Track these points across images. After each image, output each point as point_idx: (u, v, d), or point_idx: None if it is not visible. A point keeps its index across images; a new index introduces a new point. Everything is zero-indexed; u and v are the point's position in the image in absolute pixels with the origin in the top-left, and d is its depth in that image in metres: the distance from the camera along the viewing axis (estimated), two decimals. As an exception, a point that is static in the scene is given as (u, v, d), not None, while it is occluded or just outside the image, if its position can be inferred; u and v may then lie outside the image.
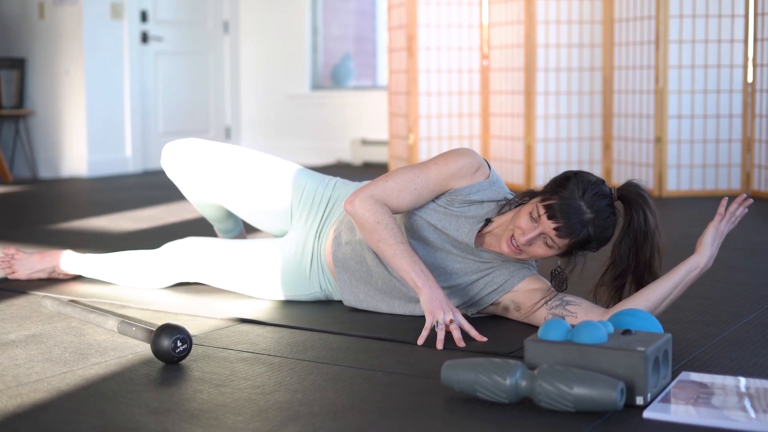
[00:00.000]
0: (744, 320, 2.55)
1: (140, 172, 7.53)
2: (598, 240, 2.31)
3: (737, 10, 5.49)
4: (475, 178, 2.49)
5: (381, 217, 2.40)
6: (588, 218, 2.28)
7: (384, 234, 2.39)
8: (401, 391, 1.93)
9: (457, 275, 2.48)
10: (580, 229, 2.28)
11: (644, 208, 2.31)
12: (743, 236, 4.16)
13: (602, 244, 2.34)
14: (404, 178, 2.46)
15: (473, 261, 2.48)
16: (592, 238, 2.30)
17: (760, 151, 5.40)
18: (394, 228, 2.40)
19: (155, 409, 1.81)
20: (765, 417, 1.74)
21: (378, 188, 2.44)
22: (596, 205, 2.29)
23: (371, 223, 2.40)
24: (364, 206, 2.41)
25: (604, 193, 2.31)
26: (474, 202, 2.48)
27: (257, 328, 2.46)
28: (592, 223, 2.28)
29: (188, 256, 2.80)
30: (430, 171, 2.47)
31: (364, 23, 8.91)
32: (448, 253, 2.49)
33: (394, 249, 2.37)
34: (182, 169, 2.80)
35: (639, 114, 5.71)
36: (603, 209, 2.29)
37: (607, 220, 2.30)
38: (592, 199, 2.29)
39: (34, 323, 2.50)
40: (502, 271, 2.46)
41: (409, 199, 2.46)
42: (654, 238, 2.31)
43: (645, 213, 2.30)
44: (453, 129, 6.50)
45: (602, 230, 2.30)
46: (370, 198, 2.42)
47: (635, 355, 1.81)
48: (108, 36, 7.27)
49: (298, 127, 8.41)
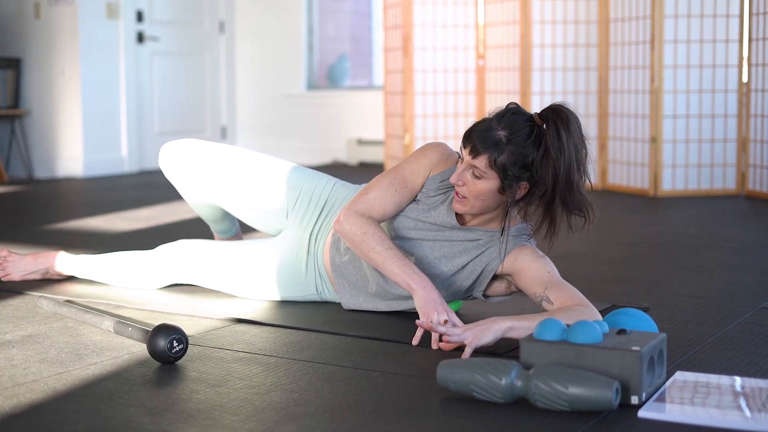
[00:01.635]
0: (739, 320, 2.55)
1: (136, 172, 7.53)
2: (524, 154, 2.29)
3: (732, 10, 5.50)
4: (447, 164, 2.52)
5: (367, 228, 2.43)
6: (500, 134, 2.29)
7: (372, 243, 2.42)
8: (397, 391, 1.93)
9: (447, 259, 2.48)
10: (492, 143, 2.28)
11: (557, 122, 2.28)
12: (738, 236, 4.17)
13: (538, 161, 2.29)
14: (382, 185, 2.51)
15: (460, 242, 2.49)
16: (515, 151, 2.28)
17: (755, 151, 5.41)
18: (382, 236, 2.42)
19: (151, 409, 1.81)
20: (760, 416, 1.74)
21: (361, 203, 2.49)
22: (510, 122, 2.30)
23: (359, 236, 2.43)
24: (350, 222, 2.45)
25: (520, 113, 2.33)
26: (448, 187, 2.51)
27: (253, 329, 2.47)
28: (506, 138, 2.28)
29: (183, 258, 2.80)
30: (404, 171, 2.52)
31: (359, 23, 8.91)
32: (434, 240, 2.50)
33: (383, 256, 2.40)
34: (180, 169, 2.80)
35: (634, 114, 5.72)
36: (518, 125, 2.30)
37: (522, 133, 2.29)
38: (507, 118, 2.31)
39: (31, 323, 2.50)
40: (494, 247, 2.46)
41: (392, 203, 2.50)
42: (568, 153, 2.27)
43: (557, 127, 2.27)
44: (449, 129, 6.51)
45: (518, 145, 2.28)
46: (354, 213, 2.46)
47: (630, 355, 1.81)
48: (104, 36, 7.27)
49: (294, 127, 8.41)
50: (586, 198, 2.33)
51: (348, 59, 8.69)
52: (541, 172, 2.29)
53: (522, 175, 2.31)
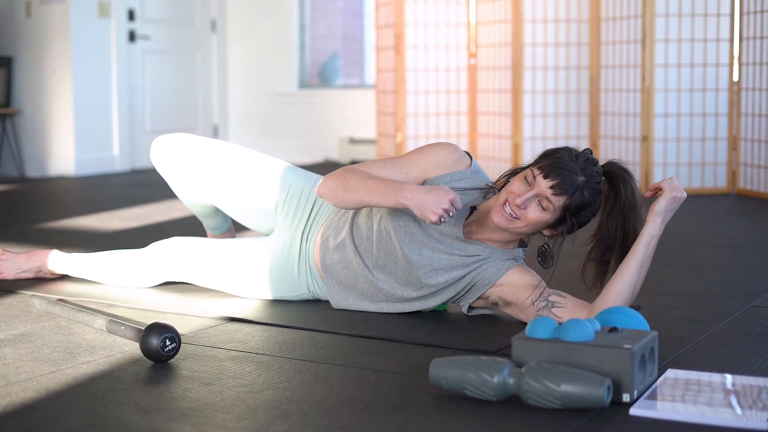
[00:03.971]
0: (730, 318, 2.56)
1: (128, 170, 7.52)
2: (590, 205, 2.35)
3: (723, 9, 5.52)
4: (457, 167, 2.52)
5: (344, 172, 2.46)
6: (581, 180, 2.32)
7: (352, 181, 2.43)
8: (390, 389, 1.94)
9: (443, 271, 2.48)
10: (575, 188, 2.31)
11: (630, 182, 2.37)
12: (729, 234, 4.19)
13: (593, 213, 2.38)
14: (372, 161, 2.53)
15: (459, 256, 2.48)
16: (586, 201, 2.33)
17: (746, 150, 5.43)
18: (359, 172, 2.44)
19: (144, 408, 1.82)
20: (751, 413, 1.75)
21: (351, 167, 2.51)
22: (588, 169, 2.34)
23: (340, 184, 2.45)
24: (330, 178, 2.48)
25: (593, 161, 2.37)
26: (457, 191, 2.49)
27: (246, 327, 2.47)
28: (586, 185, 2.32)
29: (175, 256, 2.80)
30: (402, 156, 2.56)
31: (351, 22, 8.92)
32: (434, 250, 2.49)
33: (365, 186, 2.41)
34: (170, 164, 2.80)
35: (626, 112, 5.73)
36: (594, 174, 2.35)
37: (598, 185, 2.35)
38: (584, 164, 2.35)
39: (23, 322, 2.50)
40: (489, 265, 2.46)
41: (377, 173, 2.50)
42: (640, 210, 2.37)
43: (631, 186, 2.36)
44: (440, 127, 6.51)
45: (593, 194, 2.34)
46: (333, 173, 2.49)
47: (622, 353, 1.82)
48: (95, 34, 7.25)
49: (285, 126, 8.40)
50: None
51: (340, 58, 8.69)
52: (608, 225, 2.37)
53: (581, 221, 2.39)
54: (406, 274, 2.49)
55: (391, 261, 2.51)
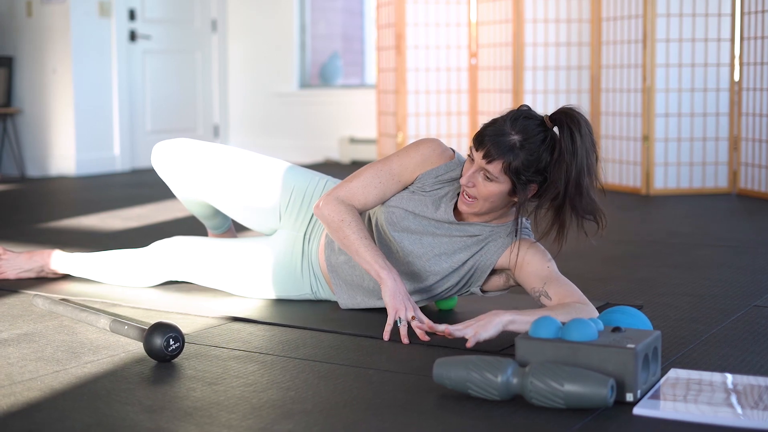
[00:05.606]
0: (732, 317, 2.57)
1: (128, 170, 7.52)
2: (537, 160, 2.29)
3: (724, 9, 5.52)
4: (442, 160, 2.53)
5: (344, 216, 2.45)
6: (514, 139, 2.29)
7: (347, 231, 2.44)
8: (393, 389, 1.94)
9: (447, 256, 2.49)
10: (507, 149, 2.28)
11: (570, 127, 2.29)
12: (730, 234, 4.19)
13: (549, 165, 2.30)
14: (367, 175, 2.52)
15: (459, 237, 2.49)
16: (528, 158, 2.28)
17: (747, 150, 5.43)
18: (358, 225, 2.44)
19: (149, 407, 1.82)
20: (752, 413, 1.76)
21: (343, 189, 2.50)
22: (523, 126, 2.30)
23: (336, 223, 2.45)
24: (329, 208, 2.47)
25: (532, 116, 2.33)
26: (444, 182, 2.51)
27: (249, 327, 2.47)
28: (524, 143, 2.28)
29: (177, 256, 2.81)
30: (392, 164, 2.53)
31: (352, 21, 8.92)
32: (433, 235, 2.50)
33: (357, 244, 2.42)
34: (172, 169, 2.80)
35: (626, 112, 5.74)
36: (531, 129, 2.30)
37: (537, 137, 2.29)
38: (520, 123, 2.30)
39: (26, 322, 2.51)
40: (490, 245, 2.47)
41: (375, 194, 2.51)
42: (580, 158, 2.28)
43: (571, 131, 2.28)
44: (441, 127, 6.52)
45: (536, 148, 2.29)
46: (335, 199, 2.48)
47: (625, 353, 1.82)
48: (96, 34, 7.25)
49: (286, 126, 8.41)
50: (596, 202, 2.34)
51: (340, 58, 8.69)
52: (553, 176, 2.30)
53: (534, 179, 2.33)
54: (409, 267, 2.50)
55: (392, 257, 2.52)
